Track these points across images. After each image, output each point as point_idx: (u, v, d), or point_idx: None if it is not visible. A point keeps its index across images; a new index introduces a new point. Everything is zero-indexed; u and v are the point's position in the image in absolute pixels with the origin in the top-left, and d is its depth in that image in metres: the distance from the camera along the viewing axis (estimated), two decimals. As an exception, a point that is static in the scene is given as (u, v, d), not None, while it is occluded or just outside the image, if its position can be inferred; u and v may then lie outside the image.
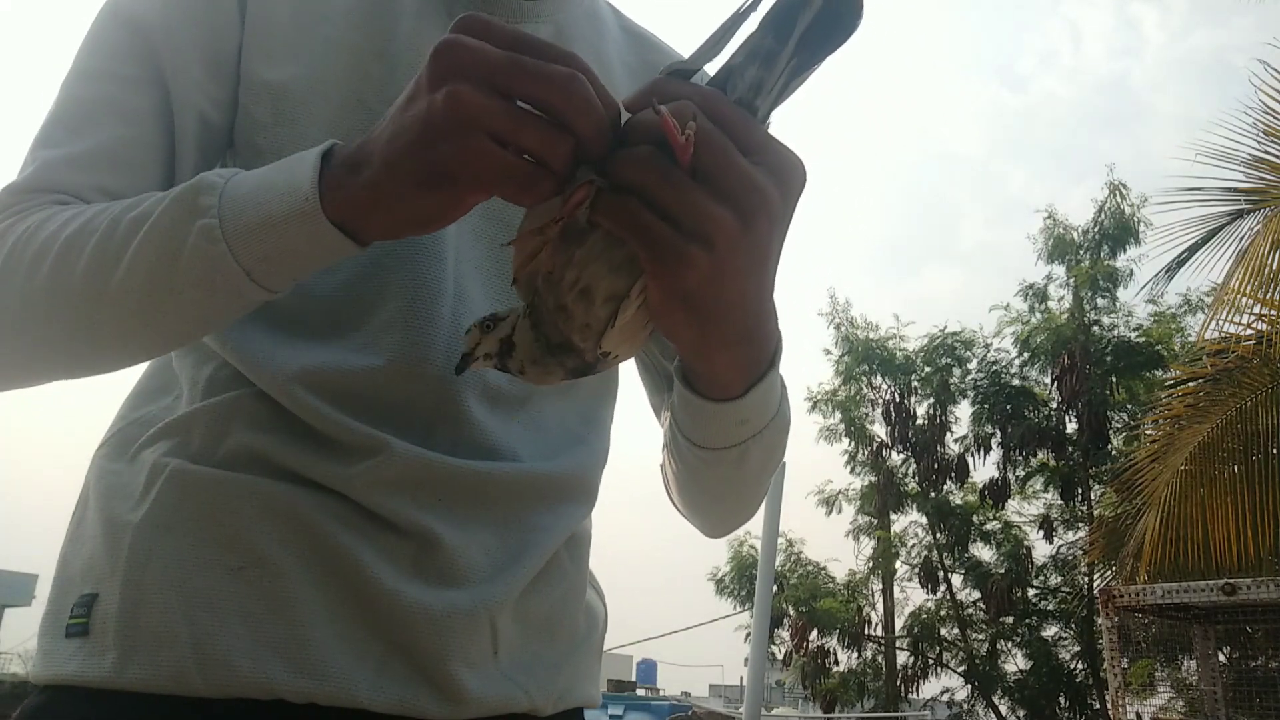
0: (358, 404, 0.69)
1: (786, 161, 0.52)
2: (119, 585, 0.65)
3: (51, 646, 0.67)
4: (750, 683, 4.82)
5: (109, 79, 0.73)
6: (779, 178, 0.51)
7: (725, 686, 31.24)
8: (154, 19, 0.75)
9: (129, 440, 0.74)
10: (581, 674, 0.80)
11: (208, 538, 0.66)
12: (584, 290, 0.53)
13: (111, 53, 0.75)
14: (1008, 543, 15.69)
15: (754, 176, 0.50)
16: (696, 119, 0.49)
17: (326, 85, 0.76)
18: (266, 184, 0.57)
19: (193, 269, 0.58)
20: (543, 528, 0.75)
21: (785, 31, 0.51)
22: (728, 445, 0.69)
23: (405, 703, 0.65)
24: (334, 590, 0.65)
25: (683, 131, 0.47)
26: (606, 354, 0.55)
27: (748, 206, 0.50)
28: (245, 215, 0.57)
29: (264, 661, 0.63)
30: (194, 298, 0.59)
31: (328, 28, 0.78)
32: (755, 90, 0.52)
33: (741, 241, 0.50)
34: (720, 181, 0.49)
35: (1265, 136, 6.36)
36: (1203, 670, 6.22)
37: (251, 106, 0.75)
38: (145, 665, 0.63)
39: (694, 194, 0.48)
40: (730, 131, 0.50)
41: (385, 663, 0.65)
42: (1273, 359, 6.08)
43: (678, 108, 0.49)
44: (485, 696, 0.68)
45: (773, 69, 0.52)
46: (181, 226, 0.58)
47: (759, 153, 0.51)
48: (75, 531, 0.73)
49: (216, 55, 0.76)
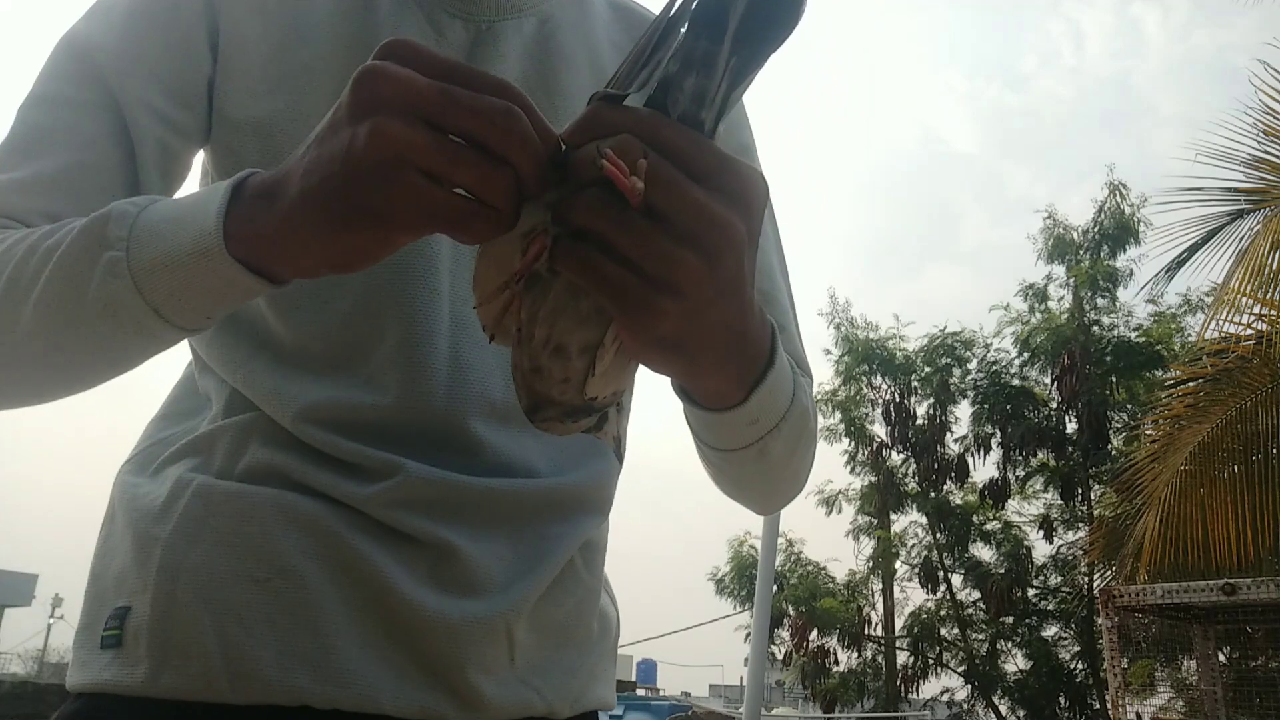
0: (369, 433, 0.71)
1: (744, 182, 0.48)
2: (150, 598, 0.67)
3: (88, 657, 0.69)
4: (750, 683, 4.82)
5: (62, 104, 0.72)
6: (739, 203, 0.48)
7: (725, 686, 31.25)
8: (109, 45, 0.74)
9: (153, 458, 0.76)
10: (596, 677, 0.81)
11: (234, 550, 0.67)
12: (557, 348, 0.50)
13: (66, 78, 0.73)
14: (1008, 543, 15.69)
15: (713, 211, 0.46)
16: (646, 155, 0.45)
17: (311, 116, 0.74)
18: (175, 216, 0.55)
19: (99, 303, 0.55)
20: (558, 536, 0.75)
21: (718, 30, 0.45)
22: (743, 445, 0.69)
23: (426, 708, 0.67)
24: (357, 600, 0.67)
25: (630, 173, 0.44)
26: (594, 399, 0.52)
27: (711, 244, 0.46)
28: (151, 249, 0.54)
29: (291, 670, 0.65)
30: (104, 332, 0.57)
31: (306, 53, 0.76)
32: (698, 101, 0.47)
33: (709, 281, 0.47)
34: (678, 221, 0.45)
35: (1265, 136, 6.36)
36: (1203, 670, 6.22)
37: (237, 145, 0.75)
38: (177, 675, 0.65)
39: (654, 239, 0.45)
40: (680, 160, 0.46)
41: (406, 670, 0.67)
42: (1273, 359, 6.08)
43: (622, 145, 0.45)
44: (503, 702, 0.70)
45: (712, 74, 0.46)
46: (88, 257, 0.55)
47: (714, 177, 0.47)
48: (104, 546, 0.75)
49: (182, 84, 0.75)
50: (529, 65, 0.82)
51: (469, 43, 0.80)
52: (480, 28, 0.81)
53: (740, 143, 0.91)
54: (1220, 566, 6.11)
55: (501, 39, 0.81)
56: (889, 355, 16.52)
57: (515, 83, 0.83)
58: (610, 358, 0.50)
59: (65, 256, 0.57)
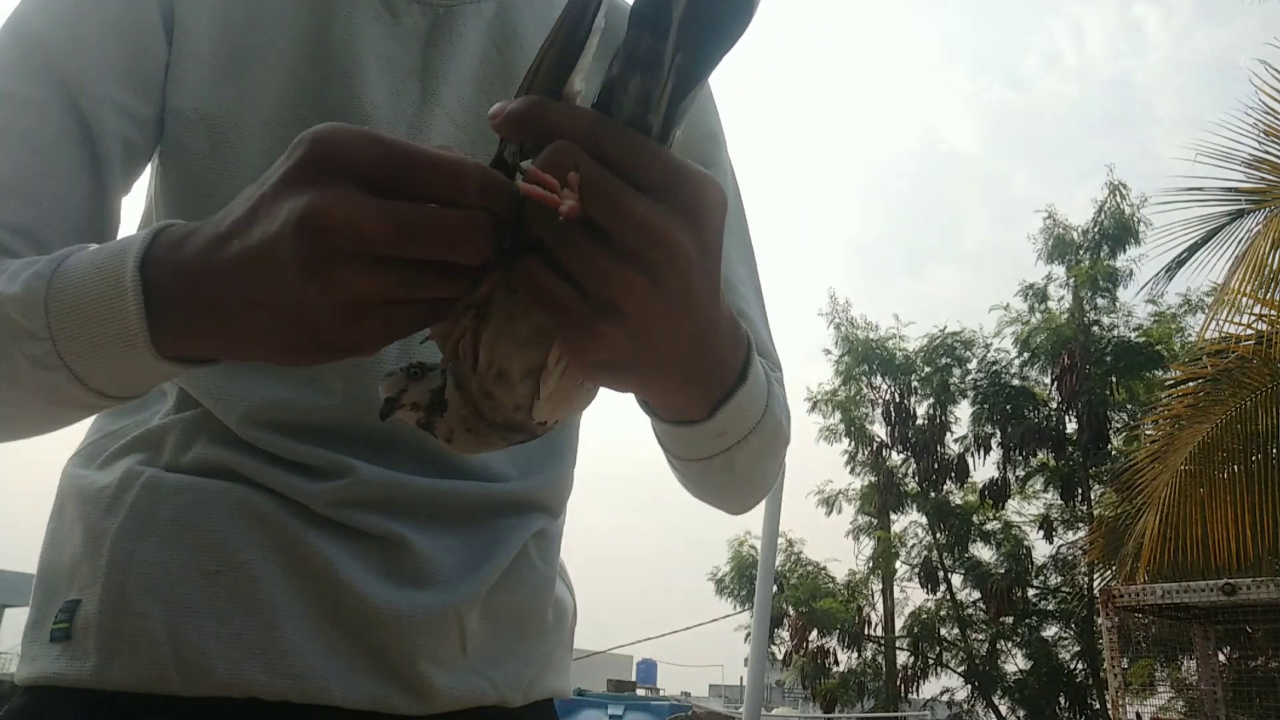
0: (316, 434, 0.70)
1: (696, 191, 0.44)
2: (99, 591, 0.66)
3: (37, 651, 0.68)
4: (750, 683, 4.82)
5: (10, 102, 0.66)
6: (690, 214, 0.44)
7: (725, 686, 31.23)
8: (60, 35, 0.68)
9: (102, 450, 0.74)
10: (550, 666, 0.81)
11: (184, 543, 0.67)
12: (500, 373, 0.47)
13: (15, 72, 0.67)
14: (1008, 543, 15.69)
15: (656, 225, 0.42)
16: (580, 163, 0.41)
17: (262, 104, 0.72)
18: (88, 299, 0.50)
19: (38, 387, 0.53)
20: (510, 527, 0.76)
21: (661, 24, 0.42)
22: (707, 456, 0.67)
23: (377, 700, 0.67)
24: (307, 592, 0.67)
25: (561, 185, 0.40)
26: (544, 423, 0.50)
27: (654, 261, 0.43)
28: (77, 338, 0.50)
29: (240, 662, 0.64)
30: (52, 409, 0.56)
31: (257, 35, 0.73)
32: (644, 104, 0.43)
33: (654, 300, 0.44)
34: (618, 236, 0.42)
35: (1266, 136, 6.37)
36: (1203, 670, 6.22)
37: (184, 136, 0.72)
38: (126, 667, 0.64)
39: (592, 254, 0.42)
40: (623, 169, 0.42)
41: (357, 662, 0.67)
42: (1273, 359, 6.08)
43: (554, 154, 0.42)
44: (454, 692, 0.70)
45: (657, 74, 0.42)
46: (11, 345, 0.52)
47: (662, 188, 0.43)
48: (53, 538, 0.73)
49: (141, 73, 0.71)
50: (489, 51, 0.80)
51: (426, 27, 0.78)
52: (438, 12, 0.78)
53: (707, 129, 0.87)
54: (1220, 566, 6.11)
55: (460, 23, 0.79)
56: (889, 355, 16.52)
57: (475, 70, 0.77)
58: (555, 381, 0.48)
59: None
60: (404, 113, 0.75)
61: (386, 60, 0.76)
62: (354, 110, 0.73)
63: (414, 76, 0.77)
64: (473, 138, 0.77)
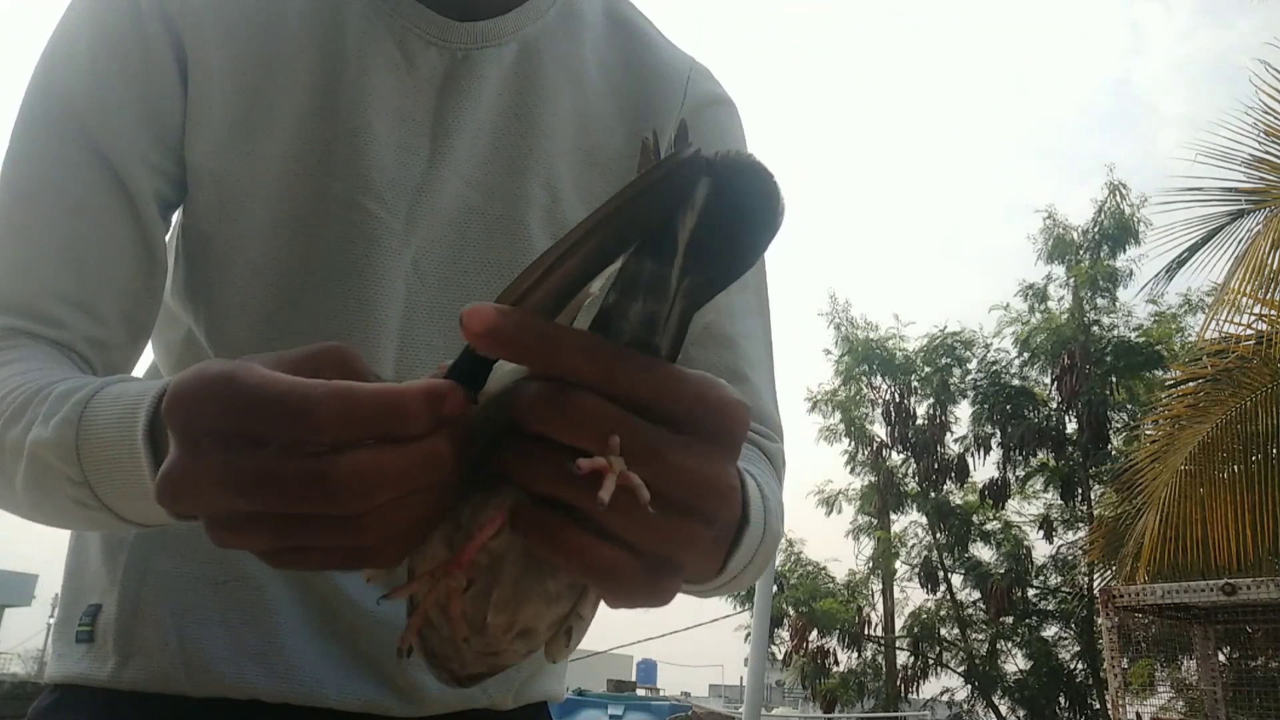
0: None
1: (725, 419, 0.40)
2: (117, 598, 0.72)
3: (64, 650, 0.74)
4: (750, 683, 4.82)
5: (44, 162, 0.67)
6: (722, 443, 0.40)
7: (725, 686, 31.24)
8: (83, 93, 0.68)
9: None
10: (542, 669, 0.83)
11: (195, 555, 0.72)
12: (524, 632, 0.43)
13: (43, 133, 0.67)
14: (1008, 543, 15.69)
15: (705, 473, 0.39)
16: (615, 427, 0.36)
17: (272, 161, 0.71)
18: (110, 456, 0.51)
19: (88, 519, 0.56)
20: None
21: (665, 249, 0.37)
22: (706, 583, 0.64)
23: (369, 702, 0.72)
24: (308, 601, 0.72)
25: (606, 452, 0.36)
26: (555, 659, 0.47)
27: (708, 508, 0.40)
28: (110, 484, 0.52)
29: (242, 666, 0.70)
30: (102, 527, 0.60)
31: (269, 83, 0.71)
32: (649, 328, 0.38)
33: (707, 540, 0.41)
34: (667, 491, 0.38)
35: (1266, 136, 6.37)
36: (1203, 670, 6.22)
37: (196, 191, 0.72)
38: (140, 669, 0.70)
39: (642, 514, 0.37)
40: (649, 408, 0.38)
41: (351, 666, 0.72)
42: (1273, 359, 6.08)
43: (586, 419, 0.36)
44: (444, 695, 0.74)
45: (663, 299, 0.38)
46: (55, 484, 0.54)
47: (689, 420, 0.38)
48: (77, 541, 0.79)
49: (165, 127, 0.70)
50: (507, 98, 0.77)
51: (443, 73, 0.74)
52: (456, 56, 0.75)
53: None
54: (1220, 566, 6.11)
55: (478, 69, 0.75)
56: (889, 355, 16.52)
57: (491, 119, 0.76)
58: (588, 624, 0.45)
59: (30, 472, 0.55)
60: (411, 172, 0.73)
61: (397, 115, 0.73)
62: (358, 173, 0.72)
63: (425, 132, 0.74)
64: (484, 194, 0.75)
